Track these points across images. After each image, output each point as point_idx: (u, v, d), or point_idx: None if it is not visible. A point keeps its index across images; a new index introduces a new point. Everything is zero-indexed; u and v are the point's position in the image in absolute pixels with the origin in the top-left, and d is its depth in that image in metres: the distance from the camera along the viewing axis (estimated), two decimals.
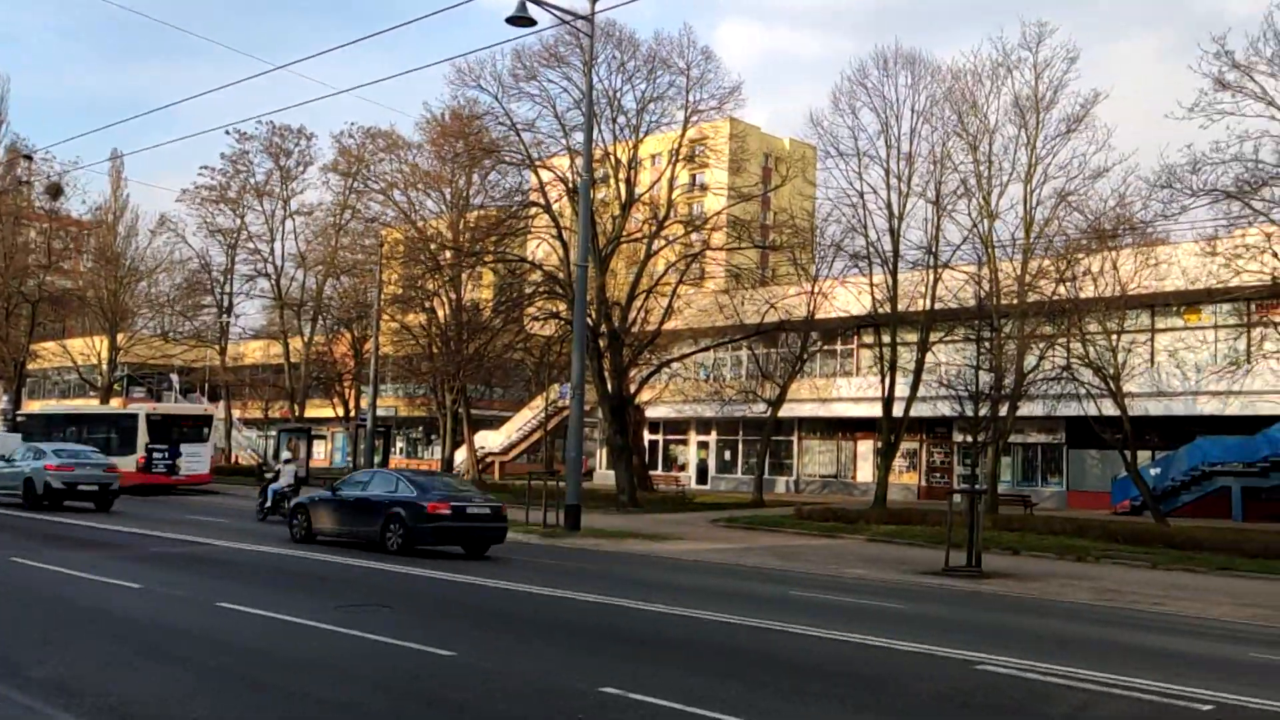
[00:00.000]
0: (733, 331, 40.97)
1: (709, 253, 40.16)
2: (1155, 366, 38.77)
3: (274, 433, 51.85)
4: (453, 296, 46.39)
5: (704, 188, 50.14)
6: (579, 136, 32.63)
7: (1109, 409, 32.62)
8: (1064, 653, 11.46)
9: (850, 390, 46.18)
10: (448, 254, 44.89)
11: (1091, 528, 27.30)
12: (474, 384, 49.26)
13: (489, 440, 61.41)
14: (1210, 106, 29.20)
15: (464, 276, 46.67)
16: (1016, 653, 11.14)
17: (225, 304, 61.43)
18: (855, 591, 16.83)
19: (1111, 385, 31.96)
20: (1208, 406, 37.20)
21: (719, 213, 40.81)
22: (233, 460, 62.17)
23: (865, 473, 46.66)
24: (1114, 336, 32.58)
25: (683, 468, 54.14)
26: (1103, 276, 32.46)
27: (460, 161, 43.26)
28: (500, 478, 56.14)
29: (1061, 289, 32.64)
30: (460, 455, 53.69)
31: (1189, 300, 37.49)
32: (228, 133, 58.33)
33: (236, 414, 66.42)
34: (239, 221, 58.71)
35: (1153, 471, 37.56)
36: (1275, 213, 29.05)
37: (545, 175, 38.41)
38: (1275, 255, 28.25)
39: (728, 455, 52.71)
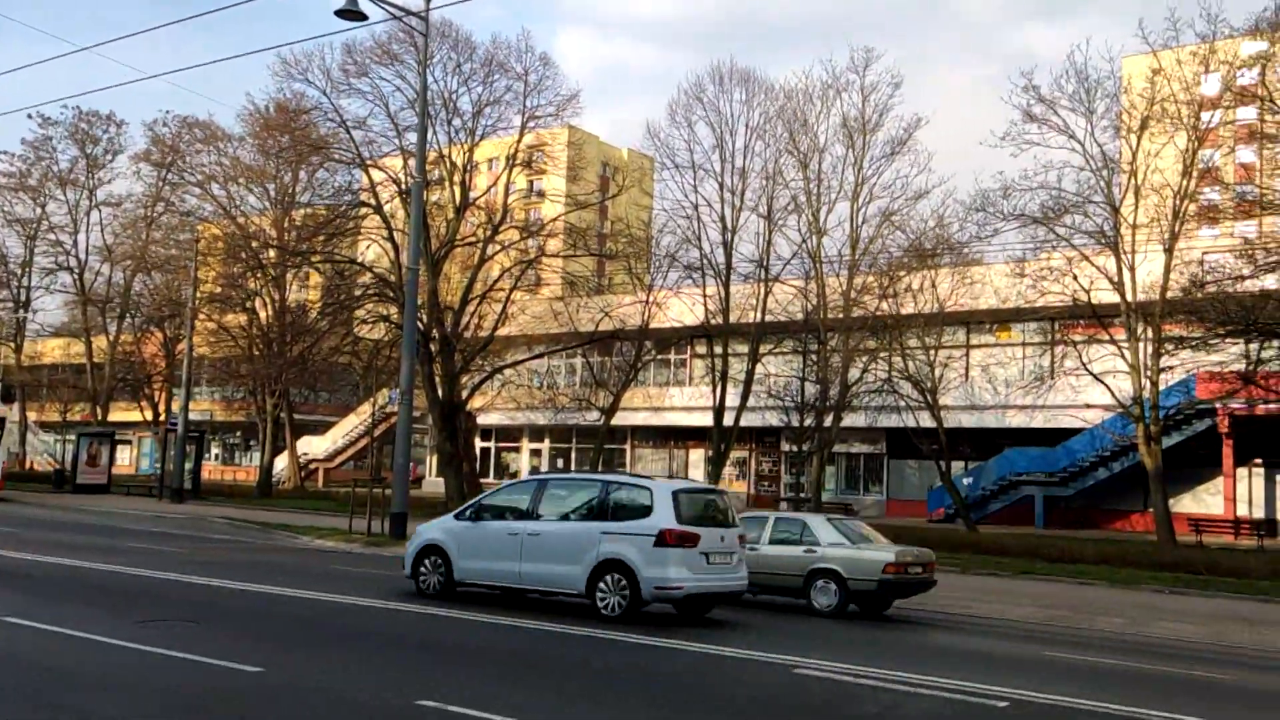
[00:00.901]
0: (567, 339, 40.90)
1: (545, 259, 39.96)
2: (969, 381, 40.85)
3: (73, 437, 48.69)
4: (276, 297, 44.61)
5: (541, 194, 49.99)
6: (412, 137, 31.92)
7: (927, 421, 34.14)
8: (878, 656, 11.80)
9: (683, 399, 46.82)
10: (271, 253, 43.15)
11: (908, 535, 28.24)
12: (298, 388, 47.49)
13: (313, 446, 59.33)
14: (1019, 137, 31.14)
15: (289, 276, 44.95)
16: (834, 656, 11.38)
17: (22, 298, 57.45)
18: None
19: (929, 398, 33.47)
20: (1016, 420, 39.42)
21: (555, 219, 40.71)
22: (28, 466, 58.08)
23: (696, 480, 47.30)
24: (932, 352, 34.16)
25: (514, 475, 53.65)
26: (923, 294, 34.00)
27: (286, 157, 41.66)
28: (324, 485, 54.32)
29: (884, 305, 34.00)
30: (281, 462, 51.63)
31: (1000, 318, 39.70)
32: (30, 116, 54.85)
33: (33, 417, 62.18)
34: (39, 211, 55.31)
35: (965, 481, 39.50)
36: (1076, 238, 31.13)
37: (377, 175, 37.42)
38: (1076, 278, 30.23)
39: (561, 463, 52.56)
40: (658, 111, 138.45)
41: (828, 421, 34.23)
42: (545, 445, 53.04)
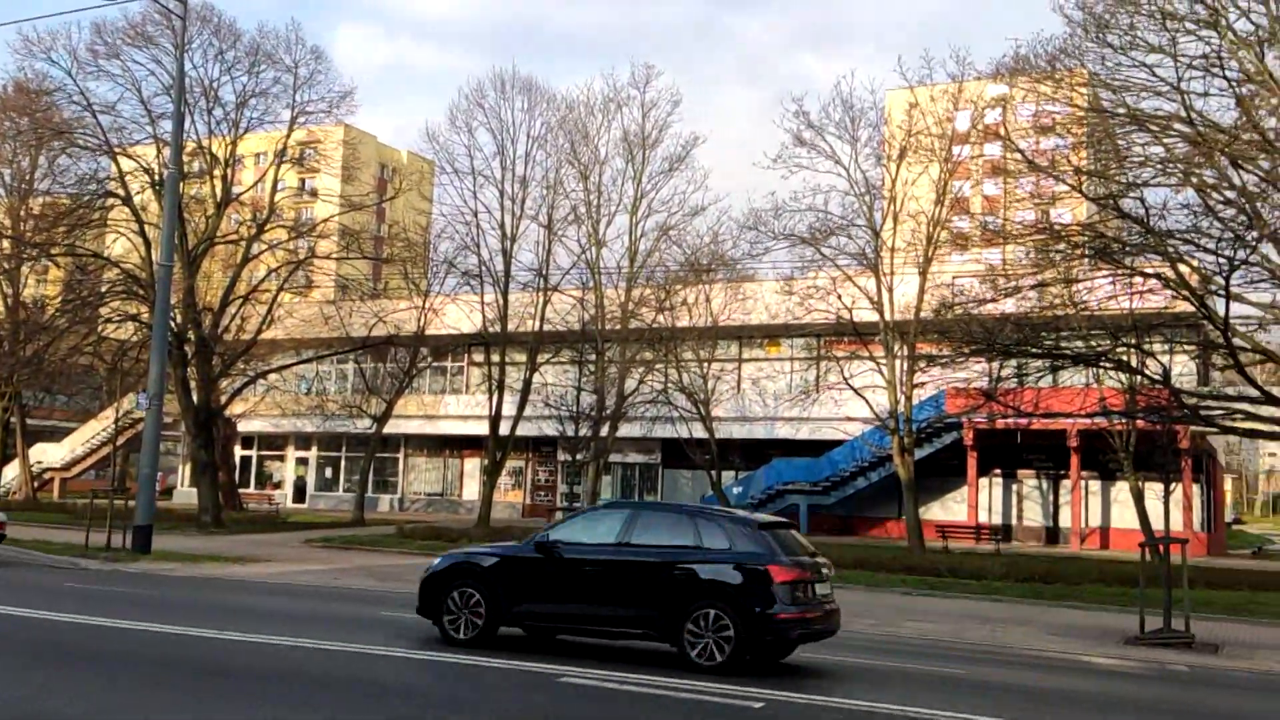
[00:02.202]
0: (339, 344, 39.34)
1: (316, 261, 38.30)
2: (741, 393, 42.14)
3: None
4: (9, 291, 40.69)
5: (314, 193, 48.07)
6: (168, 125, 29.84)
7: (700, 431, 34.91)
8: (635, 657, 11.71)
9: (459, 408, 46.02)
10: (5, 244, 39.32)
11: None
12: (32, 390, 43.45)
13: (48, 454, 54.43)
14: (790, 160, 32.44)
15: (24, 270, 41.11)
16: (603, 664, 11.26)
17: None
18: None
19: (702, 409, 34.25)
20: (784, 431, 40.95)
21: (328, 220, 39.10)
22: None
23: (472, 491, 46.58)
24: (706, 364, 34.97)
25: (278, 485, 51.12)
26: (697, 308, 34.81)
27: (24, 140, 38.08)
28: (61, 496, 49.93)
29: (661, 317, 34.58)
30: (12, 471, 47.10)
31: (770, 333, 41.22)
32: None
33: None
34: None
35: (735, 490, 40.66)
36: (841, 259, 32.68)
37: (127, 164, 34.68)
38: (840, 297, 31.72)
39: (329, 472, 50.55)
40: (442, 114, 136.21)
41: (604, 431, 34.43)
42: (313, 453, 50.86)
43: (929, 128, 31.48)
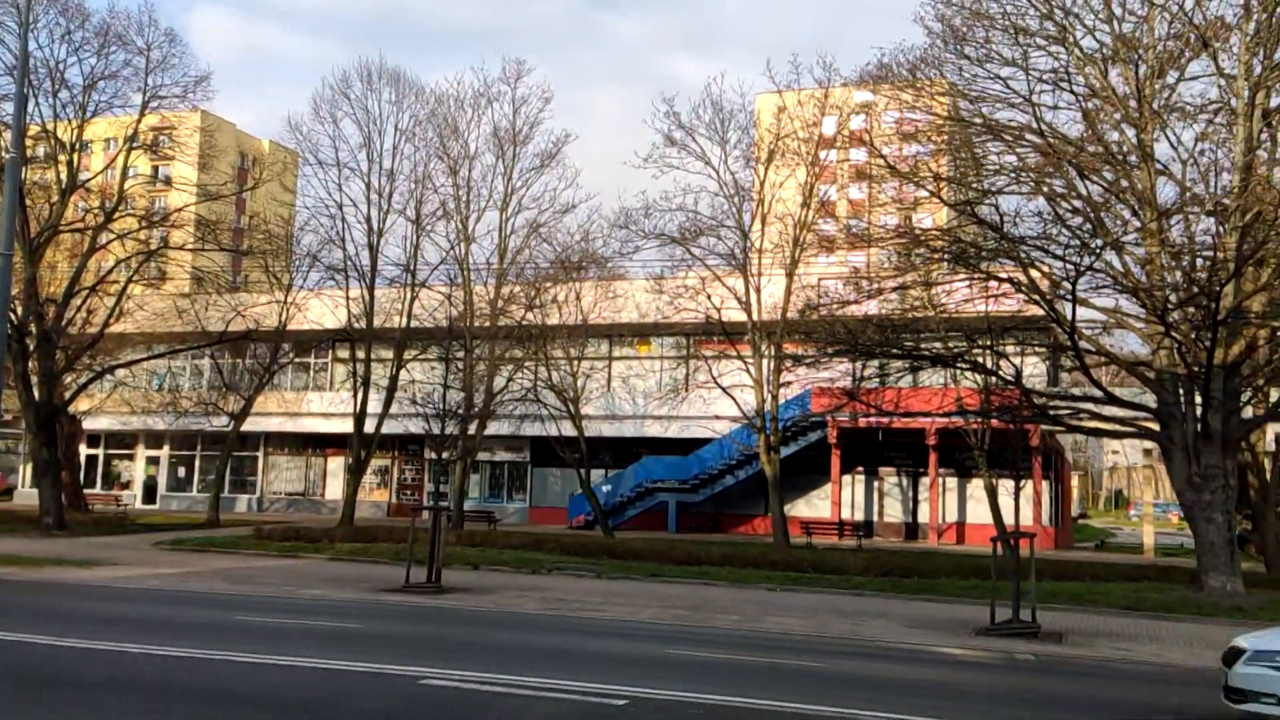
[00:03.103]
0: (194, 338, 37.72)
1: (170, 252, 36.73)
2: (611, 392, 42.17)
3: None
4: None
5: (168, 181, 45.94)
6: (9, 107, 28.19)
7: (569, 430, 34.78)
8: (508, 662, 11.68)
9: (322, 405, 44.78)
10: None
11: (548, 542, 28.67)
12: None
13: None
14: (661, 160, 32.63)
15: None
16: (462, 665, 11.15)
17: None
18: (311, 613, 15.93)
19: (571, 408, 34.11)
20: (653, 429, 41.16)
21: (182, 209, 37.40)
22: None
23: (335, 490, 45.36)
24: (575, 362, 34.83)
25: (127, 485, 48.77)
26: (567, 306, 34.64)
27: None
28: None
29: (531, 315, 34.28)
30: None
31: (640, 332, 41.37)
32: None
33: None
34: None
35: (605, 488, 40.69)
36: (710, 259, 33.01)
37: None
38: (709, 297, 32.04)
39: (183, 472, 48.52)
40: (307, 104, 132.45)
41: (472, 429, 33.96)
42: (165, 452, 48.73)
43: (796, 132, 32.08)
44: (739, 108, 36.51)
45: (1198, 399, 21.73)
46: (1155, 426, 22.91)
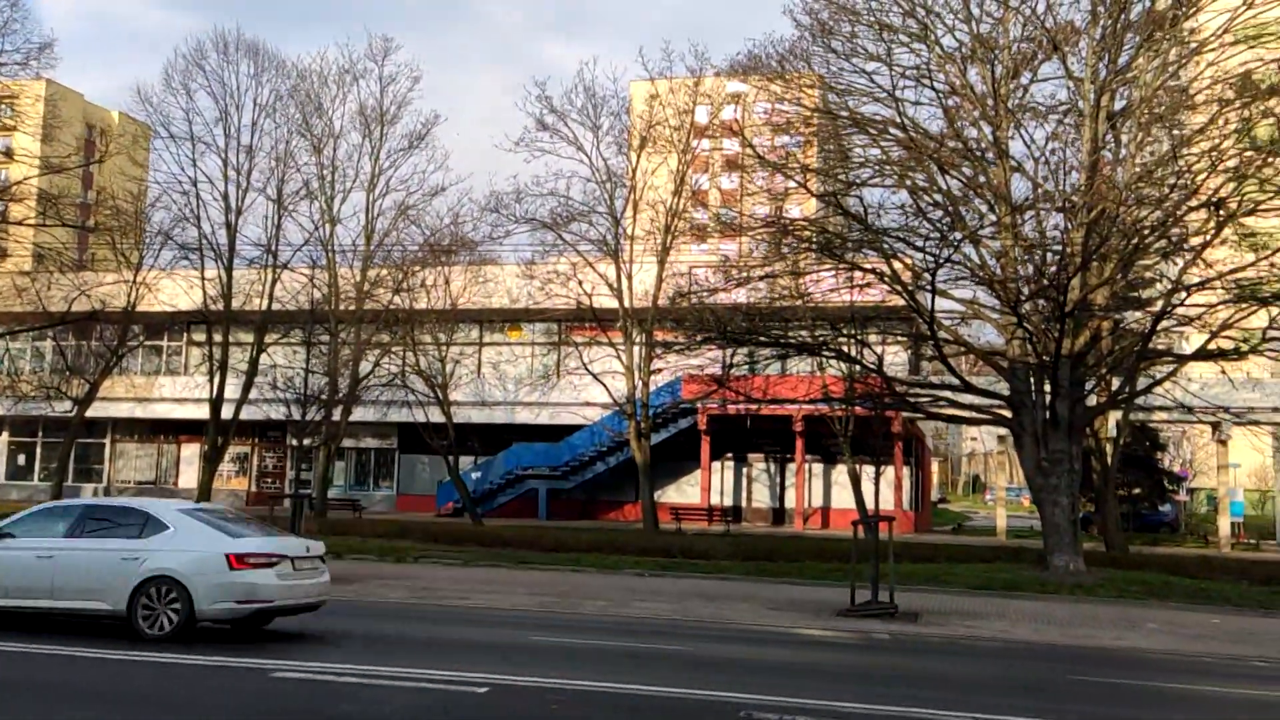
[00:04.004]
0: (35, 319, 35.62)
1: (10, 228, 34.48)
2: (481, 377, 41.68)
3: None
4: None
5: (9, 153, 43.11)
6: None
7: (438, 416, 34.21)
8: (366, 651, 11.43)
9: (176, 390, 42.99)
10: None
11: (415, 529, 28.18)
12: None
13: None
14: (533, 144, 32.35)
15: None
16: (317, 657, 10.83)
17: None
18: None
19: (440, 394, 33.56)
20: (524, 416, 40.86)
21: (22, 182, 35.20)
22: None
23: (190, 479, 43.57)
24: (445, 348, 34.27)
25: None
26: (437, 290, 34.03)
27: None
28: None
29: (399, 299, 33.54)
30: None
31: (512, 318, 40.98)
32: None
33: None
34: None
35: (474, 475, 40.23)
36: (582, 245, 32.90)
37: None
38: (580, 283, 31.92)
39: (22, 460, 45.97)
40: (159, 75, 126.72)
41: (336, 415, 33.05)
42: (3, 439, 46.02)
43: (668, 119, 32.21)
44: (612, 94, 36.57)
45: (1047, 387, 22.69)
46: (1008, 414, 23.82)
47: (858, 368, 26.47)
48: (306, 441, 33.89)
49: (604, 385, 32.37)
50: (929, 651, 13.53)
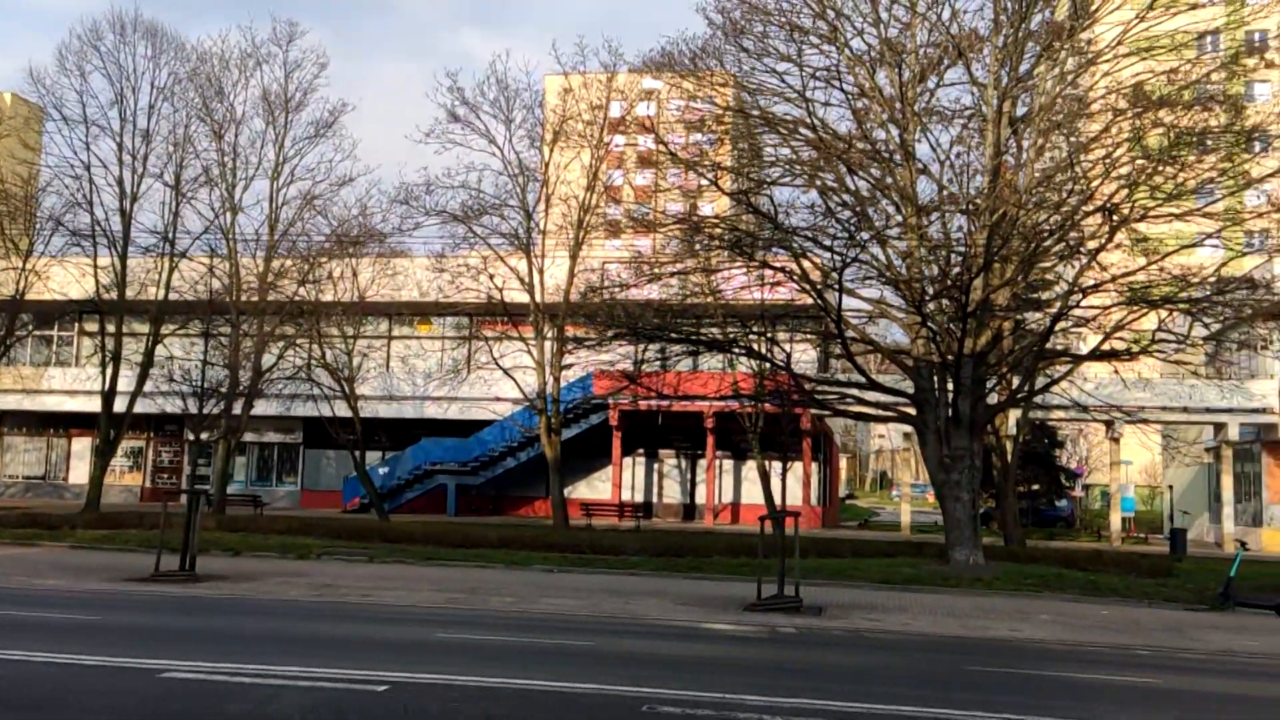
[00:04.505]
0: None
1: None
2: (389, 371, 41.04)
3: None
4: None
5: None
6: None
7: (344, 410, 33.58)
8: (263, 650, 11.11)
9: (66, 381, 41.47)
10: None
11: (319, 526, 27.64)
12: None
13: None
14: (444, 135, 31.96)
15: None
16: (211, 656, 10.50)
17: None
18: (45, 605, 14.58)
19: (347, 387, 32.94)
20: (433, 410, 40.38)
21: None
22: None
23: (81, 474, 42.09)
24: (351, 341, 33.63)
25: None
26: (344, 282, 33.39)
27: None
28: None
29: (304, 290, 32.82)
30: None
31: (421, 311, 40.45)
32: None
33: None
34: None
35: (382, 471, 39.62)
36: (494, 239, 32.61)
37: None
38: (491, 277, 31.64)
39: None
40: (52, 54, 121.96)
41: (237, 409, 32.17)
42: None
43: (581, 114, 32.11)
44: (525, 87, 36.23)
45: (950, 386, 23.21)
46: (913, 411, 24.31)
47: (768, 365, 26.76)
48: (205, 436, 32.92)
49: (515, 380, 32.13)
50: (832, 645, 13.70)
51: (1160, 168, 21.82)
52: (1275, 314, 25.19)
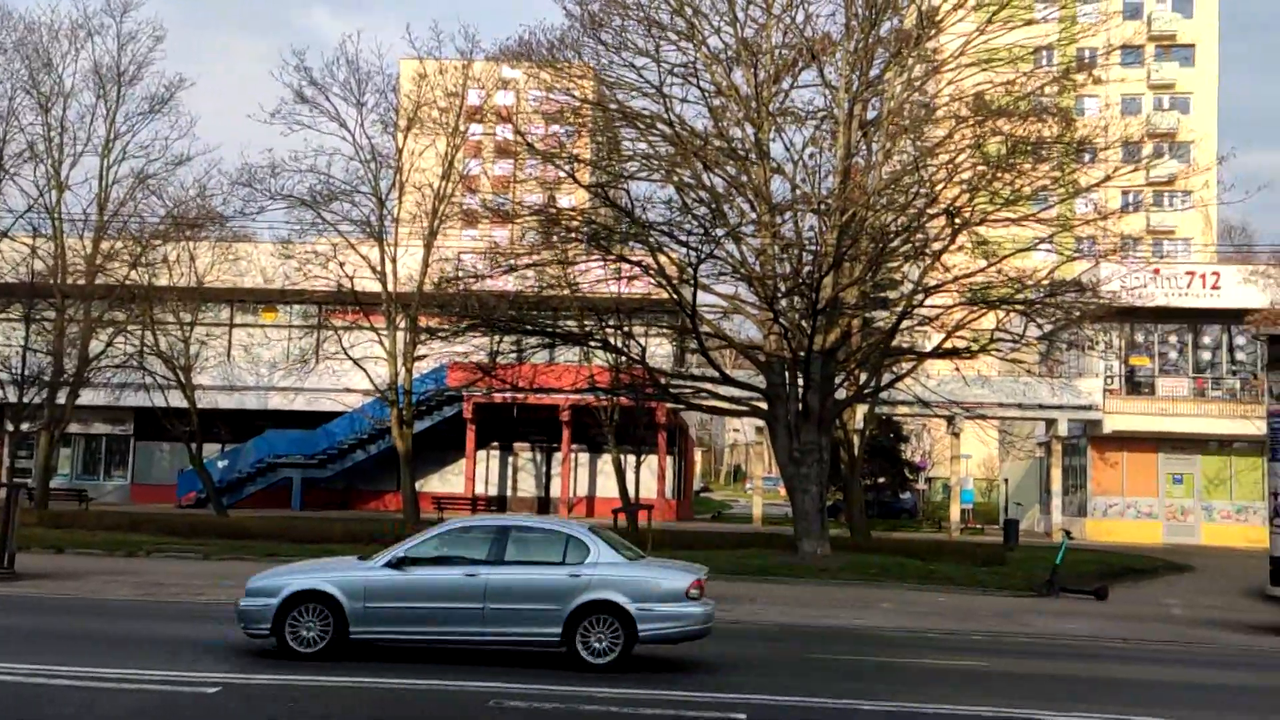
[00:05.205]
0: None
1: None
2: (231, 360, 39.39)
3: None
4: None
5: None
6: None
7: (179, 400, 32.04)
8: (85, 651, 10.62)
9: None
10: None
11: (150, 522, 26.37)
12: None
13: None
14: (291, 116, 30.74)
15: None
16: (27, 657, 9.92)
17: None
18: None
19: (182, 376, 31.46)
20: (278, 401, 38.96)
21: None
22: None
23: None
24: (189, 328, 32.14)
25: None
26: (180, 266, 31.87)
27: None
28: None
29: (136, 274, 31.16)
30: None
31: (266, 298, 38.99)
32: None
33: None
34: None
35: (221, 464, 38.00)
36: (344, 226, 31.62)
37: None
38: (342, 265, 30.65)
39: None
40: None
41: (61, 398, 30.29)
42: None
43: (437, 101, 31.44)
44: (378, 70, 35.03)
45: (800, 381, 23.69)
46: (764, 406, 24.72)
47: (623, 359, 26.75)
48: (25, 426, 30.89)
49: (365, 371, 31.27)
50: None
51: (999, 174, 22.77)
52: (1101, 316, 26.63)
